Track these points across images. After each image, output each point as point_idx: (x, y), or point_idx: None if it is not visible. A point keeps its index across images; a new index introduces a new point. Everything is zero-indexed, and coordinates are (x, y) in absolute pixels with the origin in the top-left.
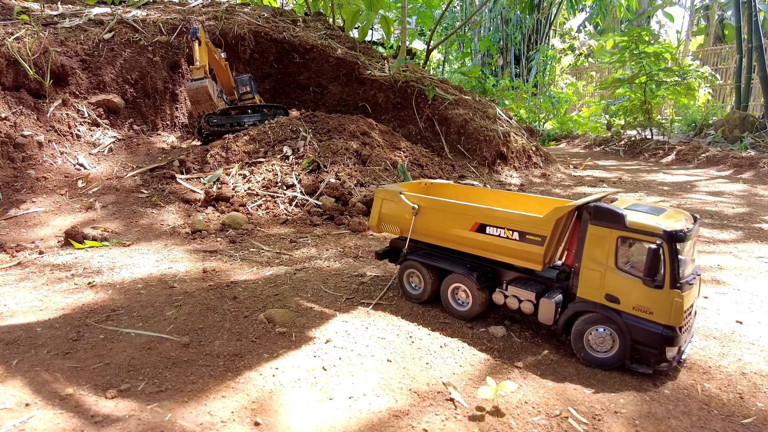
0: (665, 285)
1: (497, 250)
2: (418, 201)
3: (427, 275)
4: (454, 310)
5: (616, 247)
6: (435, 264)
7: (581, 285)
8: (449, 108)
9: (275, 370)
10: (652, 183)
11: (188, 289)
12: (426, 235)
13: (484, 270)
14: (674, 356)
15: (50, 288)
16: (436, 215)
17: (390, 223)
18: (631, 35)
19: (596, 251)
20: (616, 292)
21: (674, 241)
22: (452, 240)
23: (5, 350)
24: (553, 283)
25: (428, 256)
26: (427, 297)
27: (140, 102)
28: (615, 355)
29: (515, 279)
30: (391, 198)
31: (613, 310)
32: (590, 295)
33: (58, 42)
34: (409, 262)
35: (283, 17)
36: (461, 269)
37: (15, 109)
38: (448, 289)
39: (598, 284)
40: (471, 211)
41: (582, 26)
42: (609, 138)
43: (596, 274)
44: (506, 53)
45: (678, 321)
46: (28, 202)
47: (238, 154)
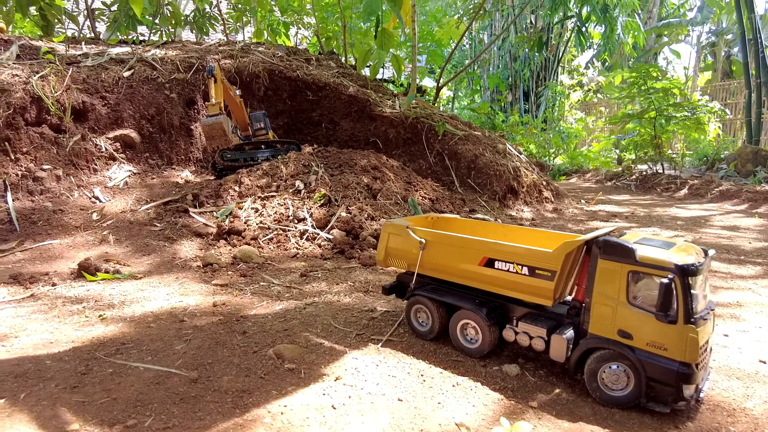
0: (679, 320)
1: (507, 286)
2: (426, 235)
3: (435, 311)
4: (464, 347)
5: (627, 281)
6: (443, 299)
7: (593, 321)
8: (459, 143)
9: (284, 408)
10: (665, 217)
11: (198, 323)
12: (434, 270)
13: (493, 306)
14: (692, 394)
15: (61, 320)
16: (443, 249)
17: (397, 257)
18: (639, 71)
19: (607, 286)
20: (628, 327)
21: (686, 275)
22: (460, 275)
23: (14, 383)
24: (563, 319)
25: (436, 291)
26: (436, 334)
27: (156, 137)
28: (630, 393)
29: (525, 315)
30: (398, 232)
31: (626, 346)
32: (602, 331)
33: (80, 80)
34: (416, 298)
35: (296, 56)
36: (470, 305)
37: (36, 143)
38: (456, 325)
39: (610, 320)
40: (479, 246)
41: (590, 63)
42: (620, 173)
43: (608, 309)
44: (515, 89)
45: (694, 357)
46: (44, 234)
47: (251, 188)
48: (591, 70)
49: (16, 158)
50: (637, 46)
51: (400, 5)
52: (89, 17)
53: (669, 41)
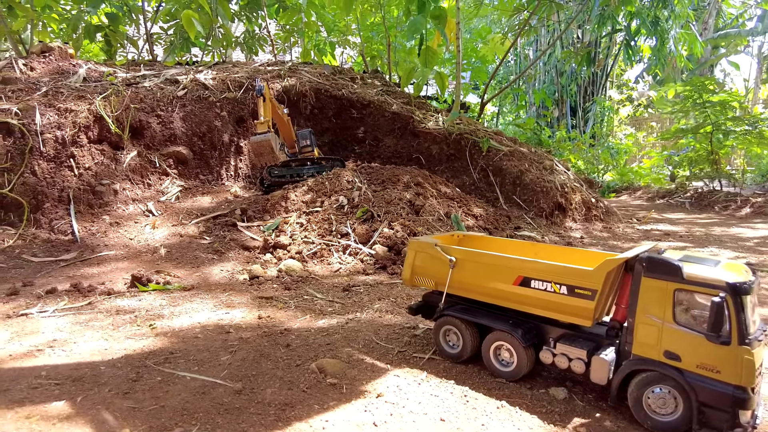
0: (732, 341)
1: (543, 305)
2: (456, 253)
3: (466, 332)
4: (498, 370)
5: (674, 300)
6: (475, 320)
7: (636, 342)
8: (504, 159)
9: (325, 423)
10: (726, 237)
11: (243, 335)
12: (464, 289)
13: (529, 326)
14: (748, 421)
15: (115, 328)
16: (475, 268)
17: (424, 276)
18: (693, 84)
19: (651, 305)
20: (676, 348)
21: (738, 293)
22: (493, 294)
23: (72, 387)
24: (603, 340)
25: (467, 311)
26: (467, 356)
27: (207, 153)
28: (680, 418)
29: (563, 336)
30: (425, 250)
31: (673, 368)
32: (647, 353)
33: (138, 100)
34: (445, 318)
35: (342, 75)
36: (504, 326)
37: (97, 160)
38: (490, 347)
39: (656, 340)
40: (514, 264)
41: (640, 77)
42: (673, 190)
43: (653, 329)
44: (562, 105)
45: (750, 381)
46: (102, 245)
47: (297, 203)
48: (641, 84)
49: (79, 173)
50: (692, 57)
51: (445, 23)
52: (148, 41)
53: (727, 53)
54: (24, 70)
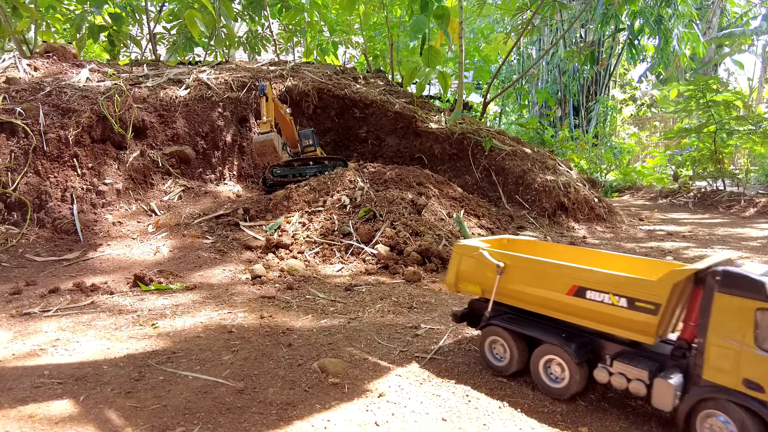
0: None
1: (599, 318)
2: (505, 258)
3: (513, 344)
4: (547, 386)
5: (756, 321)
6: (524, 331)
7: (708, 366)
8: (506, 158)
9: (327, 422)
10: (730, 237)
11: (245, 335)
12: (512, 298)
13: (583, 341)
14: None
15: (118, 328)
16: (525, 275)
17: (470, 282)
18: (697, 84)
19: (727, 325)
20: (758, 377)
21: None
22: (544, 304)
23: (75, 386)
24: (667, 361)
25: (515, 321)
26: (515, 369)
27: (210, 153)
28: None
29: (621, 353)
30: (471, 254)
31: (755, 399)
32: (721, 380)
33: (141, 99)
34: (492, 328)
35: (344, 75)
36: (556, 339)
37: (100, 159)
38: (539, 361)
39: (732, 366)
40: (568, 272)
41: (643, 76)
42: (676, 189)
43: (728, 353)
44: (564, 104)
45: None
46: (104, 245)
47: (299, 203)
48: (644, 83)
49: (82, 173)
50: (696, 57)
51: (447, 23)
52: (151, 41)
53: (731, 52)
54: (28, 71)
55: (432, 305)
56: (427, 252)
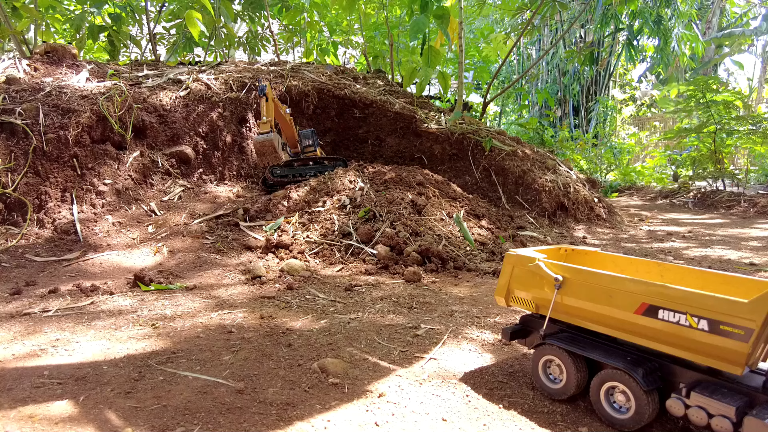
0: None
1: (674, 342)
2: (564, 271)
3: (571, 366)
4: (610, 416)
5: None
6: (583, 353)
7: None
8: (506, 159)
9: (327, 423)
10: (731, 237)
11: (245, 335)
12: (571, 315)
13: (652, 366)
14: None
15: (118, 328)
16: (586, 290)
17: (523, 295)
18: (697, 84)
19: None
20: None
21: None
22: (608, 323)
23: (74, 386)
24: (758, 395)
25: (574, 341)
26: (572, 393)
27: (210, 153)
28: None
29: (699, 383)
30: (525, 265)
31: None
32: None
33: (141, 99)
34: (547, 348)
35: (344, 75)
36: (620, 362)
37: (100, 159)
38: (601, 387)
39: None
40: (638, 288)
41: (643, 76)
42: (676, 189)
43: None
44: (564, 105)
45: None
46: (104, 245)
47: (299, 203)
48: (644, 83)
49: (82, 173)
50: (695, 57)
51: (447, 23)
52: (151, 41)
53: (731, 52)
54: (27, 71)
55: (432, 305)
56: (427, 252)
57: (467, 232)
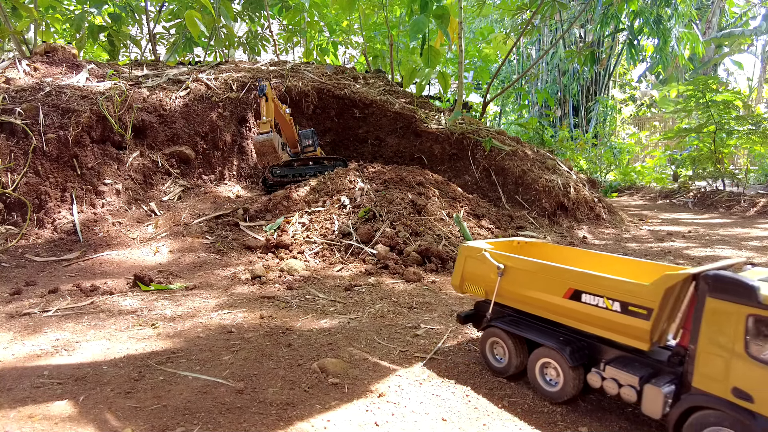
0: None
1: (594, 322)
2: (505, 260)
3: (512, 346)
4: (543, 389)
5: (747, 328)
6: (522, 334)
7: (698, 373)
8: (506, 159)
9: (327, 423)
10: (731, 237)
11: (245, 335)
12: (513, 300)
13: (579, 345)
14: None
15: (118, 328)
16: (524, 277)
17: (474, 283)
18: (696, 84)
19: (718, 332)
20: (747, 387)
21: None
22: (543, 307)
23: (74, 386)
24: (663, 367)
25: (515, 323)
26: (513, 371)
27: (209, 153)
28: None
29: (616, 358)
30: (475, 255)
31: (743, 409)
32: (710, 388)
33: (141, 100)
34: (492, 330)
35: (344, 75)
36: (552, 342)
37: (100, 159)
38: (536, 364)
39: (722, 374)
40: (565, 275)
41: (643, 76)
42: (676, 189)
43: (719, 360)
44: (564, 104)
45: None
46: (104, 245)
47: (299, 203)
48: (644, 83)
49: (82, 173)
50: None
51: (447, 23)
52: (151, 41)
53: (730, 52)
54: (27, 71)
55: (432, 305)
56: (427, 252)
57: (467, 232)
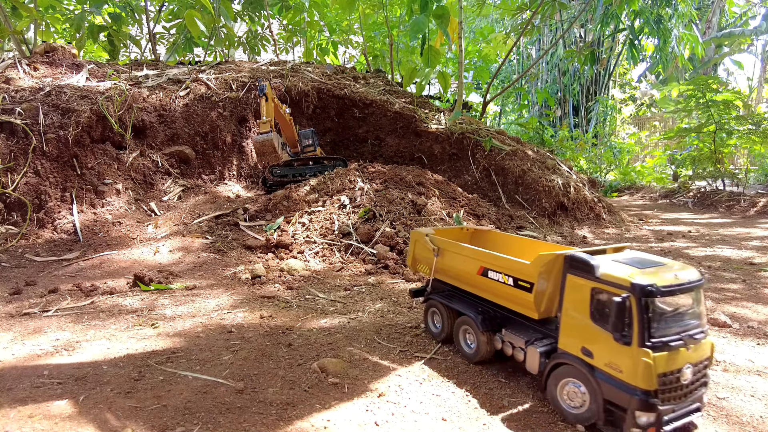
0: (633, 342)
1: (499, 294)
2: (439, 243)
3: (445, 315)
4: (464, 351)
5: (591, 298)
6: (450, 305)
7: (561, 336)
8: (506, 158)
9: (327, 422)
10: (730, 236)
11: (245, 335)
12: (448, 276)
13: (490, 315)
14: (650, 423)
15: (118, 328)
16: (453, 258)
17: (422, 263)
18: (697, 84)
19: (574, 302)
20: (590, 345)
21: (645, 295)
22: (465, 282)
23: (74, 386)
24: (548, 333)
25: (448, 296)
26: (445, 336)
27: (209, 153)
28: (586, 412)
29: (514, 325)
30: (421, 240)
31: (587, 364)
32: (569, 347)
33: (141, 99)
34: (431, 301)
35: (344, 74)
36: (470, 312)
37: (99, 159)
38: (459, 330)
39: (576, 337)
40: (477, 255)
41: (643, 76)
42: (676, 189)
43: (575, 325)
44: (564, 104)
45: (648, 383)
46: (104, 245)
47: (299, 203)
48: (644, 83)
49: (82, 173)
50: (695, 57)
51: (447, 23)
52: (151, 41)
53: (730, 51)
54: (27, 71)
55: None
56: None
57: None
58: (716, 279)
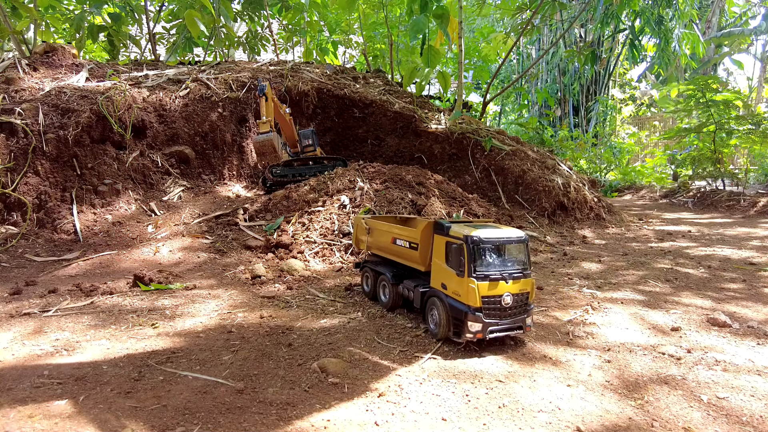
0: (465, 274)
1: (403, 256)
2: (370, 223)
3: (372, 277)
4: (382, 301)
5: (446, 249)
6: (374, 268)
7: (432, 278)
8: (506, 158)
9: (327, 422)
10: (730, 236)
11: (245, 335)
12: (376, 248)
13: (398, 272)
14: (478, 330)
15: (118, 328)
16: (379, 234)
17: (361, 241)
18: (697, 83)
19: (438, 253)
20: (445, 281)
21: (471, 243)
22: (385, 250)
23: (74, 386)
24: (429, 281)
25: (374, 263)
26: (373, 293)
27: (209, 153)
28: (446, 326)
29: (411, 277)
30: (358, 223)
31: (443, 294)
32: (435, 284)
33: (141, 99)
34: (365, 269)
35: (344, 74)
36: (387, 271)
37: (99, 159)
38: (379, 286)
39: (438, 276)
40: (391, 229)
41: (643, 76)
42: (675, 189)
43: (438, 269)
44: (564, 104)
45: (474, 302)
46: (104, 245)
47: (299, 203)
48: (644, 83)
49: (82, 173)
50: (696, 57)
51: (447, 23)
52: (151, 41)
53: (730, 51)
54: (27, 71)
55: None
56: None
57: None
58: (716, 279)
